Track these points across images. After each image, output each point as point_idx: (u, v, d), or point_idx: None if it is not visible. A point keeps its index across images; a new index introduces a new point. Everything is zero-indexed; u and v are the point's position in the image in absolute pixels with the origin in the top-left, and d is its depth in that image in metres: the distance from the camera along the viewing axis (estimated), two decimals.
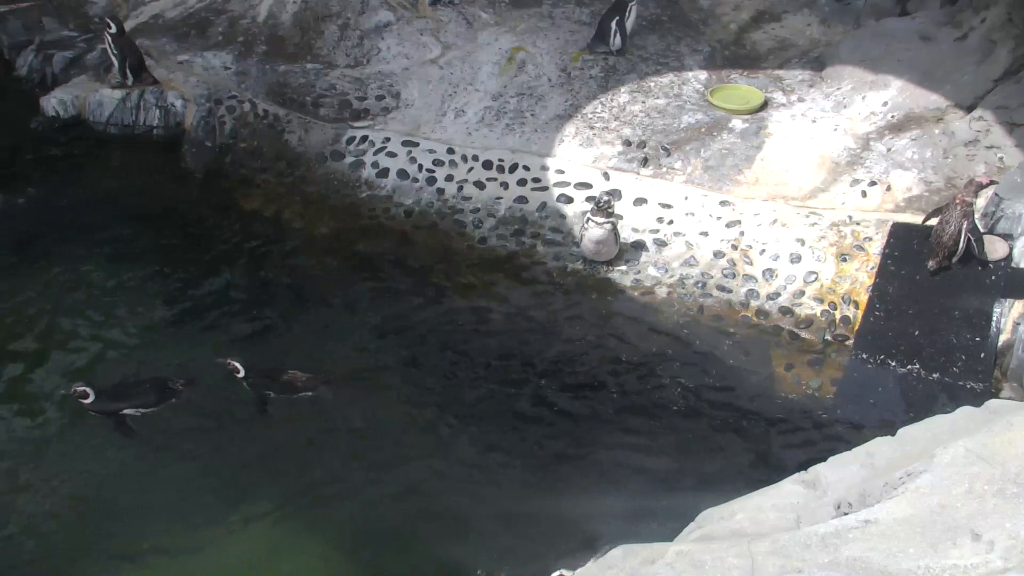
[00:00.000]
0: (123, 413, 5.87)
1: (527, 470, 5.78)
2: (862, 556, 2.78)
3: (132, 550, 5.25)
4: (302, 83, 8.84)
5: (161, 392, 5.97)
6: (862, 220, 7.14)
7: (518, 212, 7.64)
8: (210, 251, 7.52)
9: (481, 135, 8.26)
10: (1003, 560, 2.65)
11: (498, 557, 5.19)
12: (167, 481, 5.63)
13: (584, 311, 6.94)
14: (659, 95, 8.52)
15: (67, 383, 6.03)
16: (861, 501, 3.27)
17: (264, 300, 7.05)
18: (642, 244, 7.29)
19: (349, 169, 8.13)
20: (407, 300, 7.05)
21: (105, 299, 6.98)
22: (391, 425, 6.08)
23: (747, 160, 7.73)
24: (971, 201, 6.43)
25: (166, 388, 6.00)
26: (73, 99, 8.76)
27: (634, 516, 5.31)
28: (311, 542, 5.34)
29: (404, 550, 5.33)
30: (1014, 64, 7.75)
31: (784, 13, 9.50)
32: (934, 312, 6.39)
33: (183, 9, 9.81)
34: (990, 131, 7.51)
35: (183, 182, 8.36)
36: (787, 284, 6.85)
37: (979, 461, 3.09)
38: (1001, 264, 6.54)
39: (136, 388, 6.00)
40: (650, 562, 3.09)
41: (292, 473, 5.73)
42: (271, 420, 6.03)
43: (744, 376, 6.36)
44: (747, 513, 3.48)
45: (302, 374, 6.14)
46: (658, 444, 5.91)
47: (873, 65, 8.24)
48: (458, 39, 9.32)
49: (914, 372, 6.13)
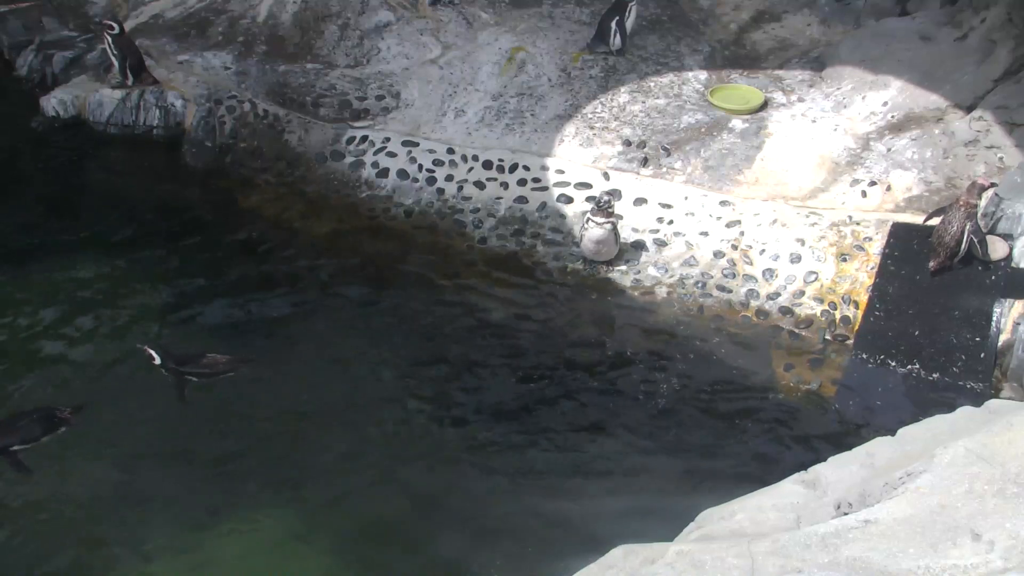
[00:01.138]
0: (12, 450, 5.55)
1: (526, 470, 5.78)
2: (862, 556, 2.78)
3: (124, 550, 5.25)
4: (302, 83, 8.85)
5: (47, 424, 5.68)
6: (862, 220, 7.14)
7: (518, 212, 7.64)
8: (210, 251, 7.52)
9: (481, 135, 8.26)
10: (1003, 560, 2.65)
11: (495, 557, 5.19)
12: (156, 482, 5.63)
13: (584, 311, 6.94)
14: (659, 95, 8.52)
15: (67, 383, 6.03)
16: (861, 501, 3.27)
17: (264, 300, 7.05)
18: (642, 244, 7.29)
19: (349, 169, 8.13)
20: (407, 300, 7.05)
21: (104, 299, 6.98)
22: (390, 425, 6.08)
23: (747, 160, 7.74)
24: (975, 203, 6.44)
25: (53, 419, 5.71)
26: (73, 99, 8.75)
27: (634, 516, 5.31)
28: (310, 542, 5.33)
29: (403, 550, 5.33)
30: (1014, 64, 7.75)
31: (784, 13, 9.50)
32: (934, 312, 6.39)
33: (183, 9, 9.81)
34: (990, 131, 7.51)
35: (183, 182, 8.36)
36: (787, 284, 6.85)
37: (979, 461, 3.09)
38: (1001, 264, 6.54)
39: (20, 422, 5.68)
40: (650, 562, 3.09)
41: (292, 473, 5.73)
42: (271, 420, 6.03)
43: (744, 376, 6.36)
44: (747, 513, 3.48)
45: (221, 356, 6.13)
46: (658, 444, 5.92)
47: (873, 65, 8.23)
48: (458, 39, 9.32)
49: (914, 372, 6.13)
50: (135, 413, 6.04)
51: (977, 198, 6.45)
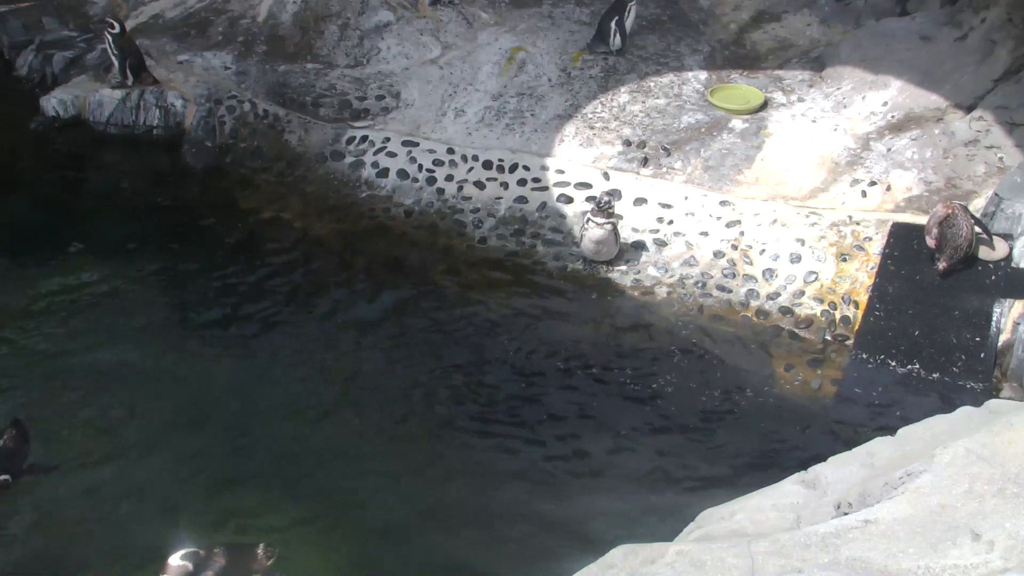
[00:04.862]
0: None
1: (525, 469, 5.77)
2: (862, 556, 2.78)
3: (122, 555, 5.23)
4: (302, 83, 8.85)
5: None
6: (862, 220, 7.14)
7: (518, 212, 7.64)
8: (210, 251, 7.52)
9: (481, 135, 8.26)
10: (1003, 560, 2.65)
11: (495, 557, 5.19)
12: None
13: (584, 311, 6.94)
14: (659, 95, 8.52)
15: (66, 384, 6.03)
16: (861, 501, 3.27)
17: (264, 300, 7.05)
18: (642, 244, 7.29)
19: (349, 169, 8.13)
20: (406, 300, 7.05)
21: (104, 299, 6.97)
22: (390, 424, 6.08)
23: (747, 160, 7.74)
24: (964, 204, 6.55)
25: None
26: (73, 99, 8.75)
27: (634, 516, 5.31)
28: (309, 543, 5.33)
29: (403, 550, 5.32)
30: (1014, 64, 7.75)
31: (784, 13, 9.50)
32: (934, 312, 6.39)
33: (183, 9, 9.81)
34: (990, 131, 7.51)
35: (183, 182, 8.37)
36: (787, 284, 6.85)
37: (979, 461, 3.09)
38: (1001, 264, 6.55)
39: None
40: (650, 562, 3.09)
41: (291, 474, 5.73)
42: (269, 420, 6.03)
43: (744, 376, 6.35)
44: (747, 513, 3.48)
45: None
46: (657, 444, 5.91)
47: (873, 65, 8.23)
48: (458, 39, 9.32)
49: (914, 372, 6.13)
50: (135, 413, 6.05)
51: (960, 208, 6.53)
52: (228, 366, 6.46)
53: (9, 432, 5.57)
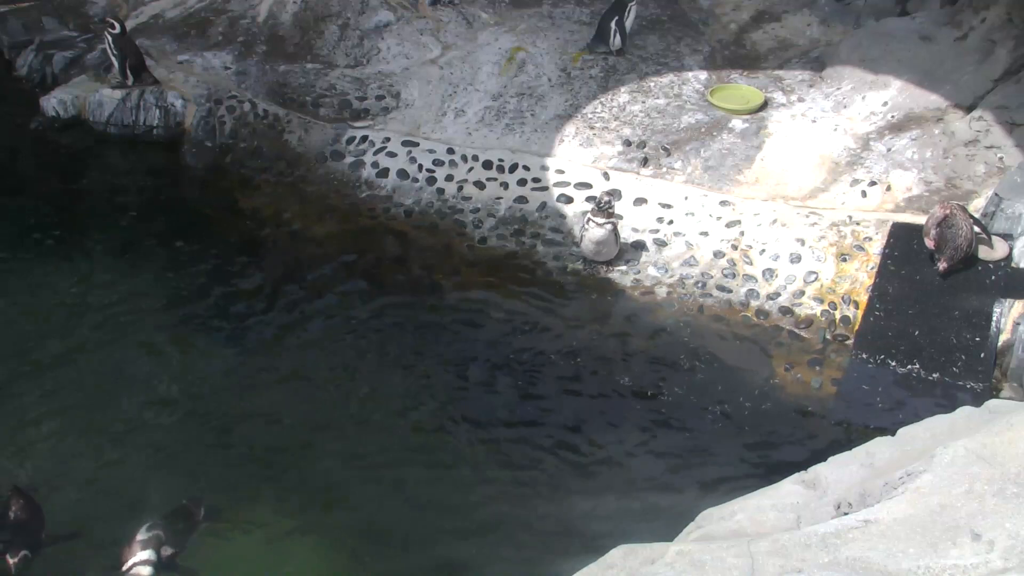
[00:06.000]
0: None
1: (525, 469, 5.78)
2: (862, 556, 2.78)
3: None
4: (302, 83, 8.85)
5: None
6: (862, 220, 7.14)
7: (518, 212, 7.64)
8: (209, 251, 7.51)
9: (481, 135, 8.26)
10: (1003, 560, 2.65)
11: (495, 557, 5.19)
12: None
13: (584, 311, 6.93)
14: (659, 95, 8.52)
15: (67, 384, 6.03)
16: (861, 501, 3.27)
17: (263, 300, 7.05)
18: (642, 244, 7.29)
19: (349, 169, 8.13)
20: (406, 300, 7.05)
21: (104, 299, 6.97)
22: (390, 424, 6.08)
23: (747, 160, 7.74)
24: (961, 204, 6.51)
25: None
26: (73, 99, 8.74)
27: (634, 516, 5.31)
28: (309, 543, 5.34)
29: (403, 551, 5.33)
30: (1014, 64, 7.76)
31: (784, 13, 9.50)
32: (934, 312, 6.39)
33: (183, 9, 9.81)
34: (990, 131, 7.51)
35: (183, 182, 8.37)
36: (787, 284, 6.85)
37: (979, 461, 3.09)
38: (1001, 264, 6.55)
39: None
40: (650, 562, 3.09)
41: (291, 474, 5.73)
42: (269, 421, 6.03)
43: (744, 376, 6.35)
44: (747, 513, 3.48)
45: None
46: (657, 444, 5.91)
47: (873, 65, 8.23)
48: (458, 39, 9.32)
49: (914, 372, 6.13)
50: (135, 414, 6.04)
51: (958, 207, 6.52)
52: (228, 366, 6.46)
53: (15, 501, 5.10)
